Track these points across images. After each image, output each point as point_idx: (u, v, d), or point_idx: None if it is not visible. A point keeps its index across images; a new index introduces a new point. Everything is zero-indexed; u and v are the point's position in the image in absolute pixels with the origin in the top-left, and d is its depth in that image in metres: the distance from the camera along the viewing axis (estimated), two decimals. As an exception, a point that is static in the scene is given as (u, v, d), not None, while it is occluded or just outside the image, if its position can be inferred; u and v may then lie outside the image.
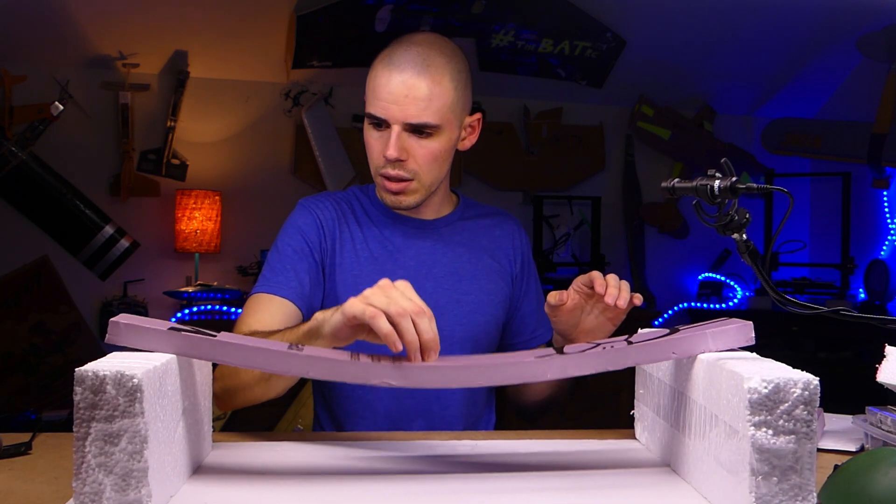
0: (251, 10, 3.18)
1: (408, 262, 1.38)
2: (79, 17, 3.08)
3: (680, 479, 0.97)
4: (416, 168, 1.30)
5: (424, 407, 1.37)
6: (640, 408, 1.16)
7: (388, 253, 1.38)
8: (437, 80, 1.27)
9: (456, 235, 1.43)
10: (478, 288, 1.41)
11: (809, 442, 0.78)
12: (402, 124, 1.27)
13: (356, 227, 1.39)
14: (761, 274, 0.94)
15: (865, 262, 3.82)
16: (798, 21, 3.48)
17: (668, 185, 1.03)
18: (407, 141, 1.28)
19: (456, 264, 1.41)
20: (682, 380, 0.96)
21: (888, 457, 0.84)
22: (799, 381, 0.78)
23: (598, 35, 3.56)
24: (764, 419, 0.77)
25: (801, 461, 0.78)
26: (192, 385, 0.99)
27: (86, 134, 3.36)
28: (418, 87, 1.25)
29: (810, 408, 0.77)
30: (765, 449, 0.77)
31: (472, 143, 1.40)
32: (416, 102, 1.26)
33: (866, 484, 0.82)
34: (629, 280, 3.93)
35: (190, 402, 0.97)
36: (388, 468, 1.04)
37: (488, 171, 3.84)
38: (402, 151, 1.28)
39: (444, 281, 1.38)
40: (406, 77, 1.25)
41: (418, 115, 1.26)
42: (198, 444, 1.02)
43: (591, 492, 0.94)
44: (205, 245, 3.34)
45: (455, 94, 1.29)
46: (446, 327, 1.35)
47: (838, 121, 3.93)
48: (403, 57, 1.27)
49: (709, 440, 0.87)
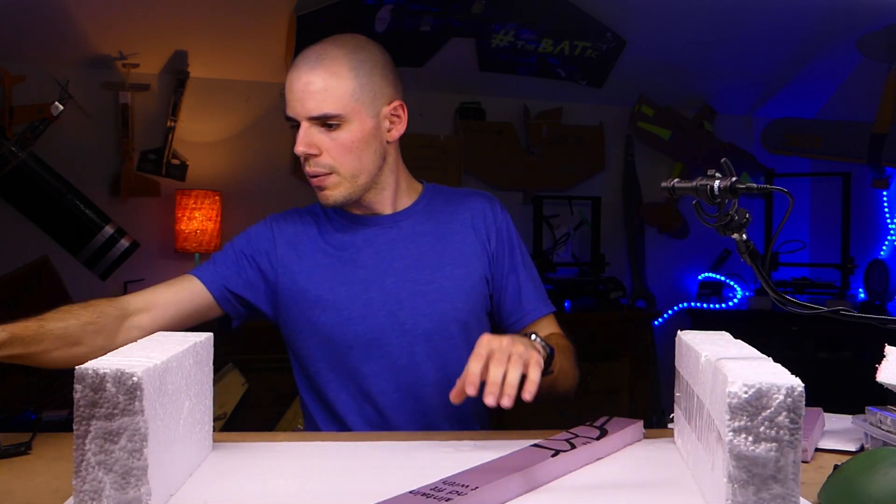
0: (251, 10, 3.17)
1: (367, 261, 1.39)
2: (79, 17, 3.08)
3: (694, 483, 0.96)
4: (330, 161, 1.33)
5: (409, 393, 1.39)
6: (676, 410, 1.16)
7: (347, 255, 1.40)
8: (333, 72, 1.30)
9: (419, 226, 1.43)
10: (443, 276, 1.39)
11: (793, 450, 0.74)
12: (306, 119, 1.31)
13: (318, 235, 1.43)
14: (761, 274, 0.94)
15: (865, 262, 3.82)
16: (798, 21, 3.48)
17: (668, 185, 1.03)
18: (316, 136, 1.32)
19: (417, 255, 1.40)
20: (697, 381, 0.96)
21: (888, 457, 0.84)
22: (783, 386, 0.74)
23: (598, 35, 3.56)
24: (744, 425, 0.74)
25: (784, 470, 0.74)
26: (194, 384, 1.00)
27: (86, 134, 3.35)
28: (313, 80, 1.30)
29: (794, 415, 0.74)
30: (742, 456, 0.74)
31: (401, 133, 1.40)
32: (313, 95, 1.30)
33: (866, 484, 0.82)
34: (629, 280, 3.96)
35: (192, 402, 0.97)
36: (387, 468, 1.04)
37: (488, 171, 3.84)
38: (310, 146, 1.31)
39: (404, 274, 1.38)
40: (302, 73, 1.31)
41: (318, 106, 1.30)
42: (199, 443, 1.03)
43: (597, 491, 0.94)
44: (205, 245, 3.34)
45: (356, 82, 1.31)
46: (409, 320, 1.36)
47: (838, 121, 3.93)
48: (302, 57, 1.33)
49: (707, 444, 0.87)
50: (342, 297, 1.37)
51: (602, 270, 3.77)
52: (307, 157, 1.32)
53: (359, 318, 1.36)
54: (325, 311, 1.37)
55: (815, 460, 1.10)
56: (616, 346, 3.53)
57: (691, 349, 1.01)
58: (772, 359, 0.89)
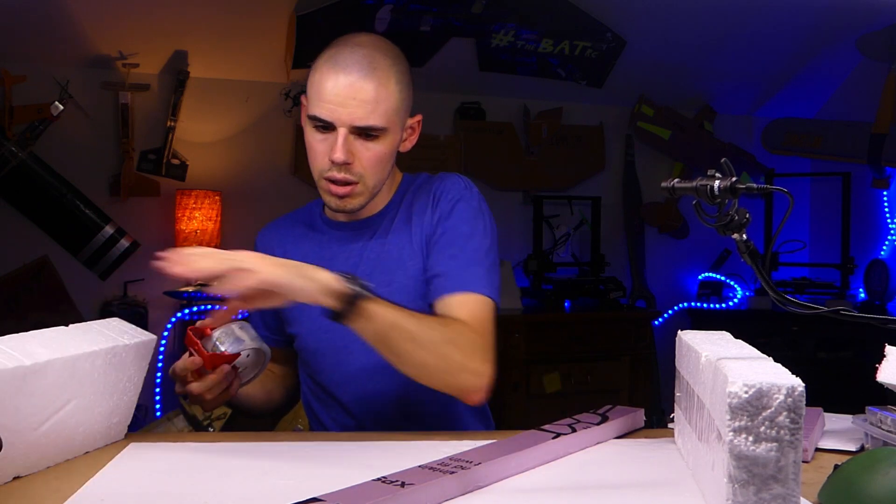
0: (251, 10, 3.18)
1: (339, 267, 1.30)
2: (79, 17, 3.08)
3: (694, 483, 0.96)
4: (361, 171, 1.29)
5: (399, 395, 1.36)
6: (676, 411, 1.16)
7: (324, 264, 1.29)
8: (384, 83, 1.26)
9: (387, 225, 1.39)
10: (403, 273, 1.35)
11: (794, 451, 0.74)
12: (349, 127, 1.26)
13: (304, 241, 1.42)
14: (761, 274, 0.94)
15: (865, 262, 3.82)
16: (798, 21, 3.49)
17: (668, 185, 1.03)
18: (353, 144, 1.27)
19: (381, 257, 1.36)
20: (698, 381, 0.96)
21: (888, 457, 0.84)
22: (783, 386, 0.74)
23: (598, 35, 3.56)
24: (744, 425, 0.74)
25: (785, 470, 0.74)
26: (96, 382, 1.07)
27: (86, 134, 3.35)
28: (365, 89, 1.24)
29: (795, 415, 0.74)
30: (743, 456, 0.74)
31: (412, 145, 1.38)
32: (364, 105, 1.24)
33: (866, 484, 0.82)
34: (629, 280, 3.96)
35: (81, 401, 1.05)
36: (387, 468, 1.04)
37: (488, 171, 3.84)
38: (348, 154, 1.26)
39: (369, 278, 1.28)
40: (353, 79, 1.24)
41: (365, 117, 1.25)
42: (88, 440, 1.09)
43: (598, 491, 0.94)
44: (205, 245, 3.34)
45: (400, 96, 1.28)
46: None
47: (838, 121, 3.93)
48: (350, 59, 1.25)
49: (708, 444, 0.87)
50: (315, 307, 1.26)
51: (602, 270, 3.77)
52: (338, 165, 1.28)
53: (330, 327, 1.24)
54: (302, 323, 1.38)
55: (815, 460, 1.10)
56: (616, 346, 3.54)
57: (692, 349, 1.01)
58: (772, 359, 0.89)
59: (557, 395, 3.37)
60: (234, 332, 1.17)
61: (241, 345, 1.17)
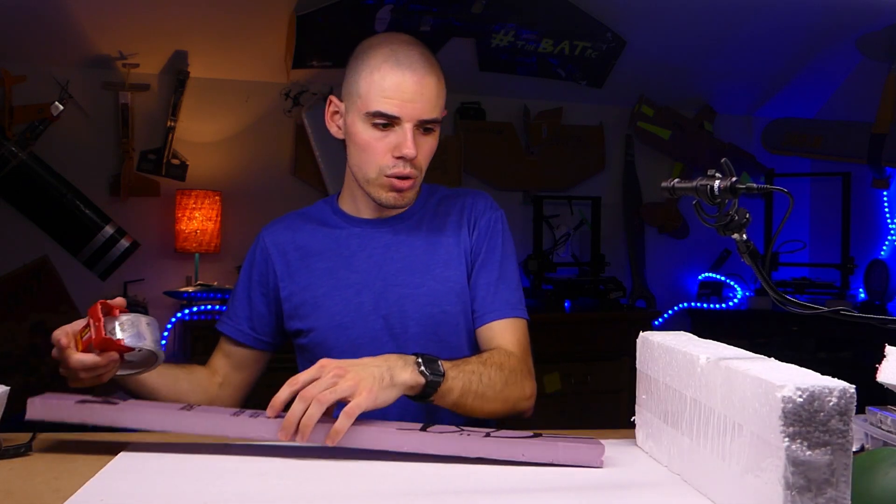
0: (251, 10, 3.17)
1: (360, 266, 1.39)
2: (79, 17, 3.08)
3: (693, 489, 0.95)
4: (420, 164, 1.34)
5: None
6: (642, 414, 1.13)
7: (342, 259, 1.39)
8: (440, 79, 1.35)
9: (413, 228, 1.42)
10: (433, 278, 1.38)
11: (845, 454, 0.74)
12: (416, 121, 1.31)
13: (315, 240, 1.42)
14: (761, 274, 0.94)
15: (865, 262, 3.82)
16: (798, 21, 3.48)
17: (668, 185, 1.03)
18: (417, 138, 1.32)
19: (408, 258, 1.39)
20: (695, 386, 0.95)
21: (888, 457, 0.84)
22: (835, 389, 0.74)
23: (598, 35, 3.56)
24: (798, 430, 0.73)
25: (837, 473, 0.74)
26: None
27: (86, 134, 3.35)
28: (429, 83, 1.32)
29: (846, 417, 0.74)
30: (800, 462, 0.73)
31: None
32: (430, 99, 1.32)
33: (866, 484, 0.82)
34: (629, 280, 3.96)
35: None
36: (386, 467, 1.04)
37: (488, 171, 3.84)
38: (417, 149, 1.31)
39: (393, 278, 1.37)
40: (419, 76, 1.31)
41: (431, 110, 1.32)
42: None
43: (597, 491, 0.94)
44: (205, 245, 3.34)
45: (445, 90, 1.37)
46: (398, 324, 1.36)
47: (838, 121, 3.93)
48: (411, 56, 1.32)
49: (730, 451, 0.85)
50: (335, 302, 1.37)
51: (602, 270, 3.77)
52: (409, 160, 1.31)
53: (350, 324, 1.35)
54: (320, 318, 1.37)
55: (815, 460, 1.10)
56: (616, 346, 3.53)
57: (674, 351, 1.00)
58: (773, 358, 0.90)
59: (557, 395, 3.37)
60: (139, 326, 1.10)
61: (141, 342, 1.10)
